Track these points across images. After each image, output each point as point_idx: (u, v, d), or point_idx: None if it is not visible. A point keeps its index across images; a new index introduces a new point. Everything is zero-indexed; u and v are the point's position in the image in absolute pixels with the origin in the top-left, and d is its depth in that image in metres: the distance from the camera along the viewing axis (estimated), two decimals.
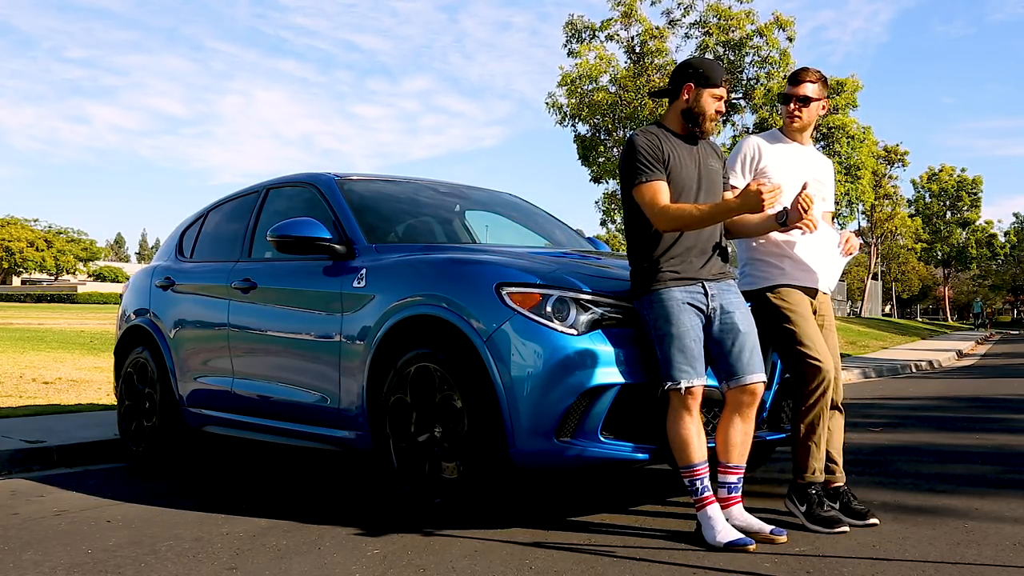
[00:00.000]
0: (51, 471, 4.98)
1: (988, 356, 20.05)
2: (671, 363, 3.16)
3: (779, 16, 24.96)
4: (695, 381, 3.16)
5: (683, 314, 3.20)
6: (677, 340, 3.16)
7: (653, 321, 3.23)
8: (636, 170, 3.30)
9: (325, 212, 4.39)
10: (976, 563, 2.92)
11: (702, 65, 3.38)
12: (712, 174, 3.41)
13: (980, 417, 7.37)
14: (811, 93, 3.61)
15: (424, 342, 3.61)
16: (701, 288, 3.27)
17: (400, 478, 3.69)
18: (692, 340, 3.19)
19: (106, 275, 74.63)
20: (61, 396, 7.75)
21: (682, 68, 3.41)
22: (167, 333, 5.17)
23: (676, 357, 3.16)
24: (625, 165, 3.35)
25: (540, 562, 2.99)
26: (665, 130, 3.40)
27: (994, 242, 70.04)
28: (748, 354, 3.26)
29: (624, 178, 3.37)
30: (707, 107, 3.34)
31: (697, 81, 3.33)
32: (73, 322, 21.29)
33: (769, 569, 2.87)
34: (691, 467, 3.19)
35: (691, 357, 3.17)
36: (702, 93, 3.34)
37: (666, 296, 3.21)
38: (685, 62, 3.46)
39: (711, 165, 3.42)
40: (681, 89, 3.37)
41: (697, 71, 3.35)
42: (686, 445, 3.18)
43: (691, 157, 3.38)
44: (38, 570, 3.05)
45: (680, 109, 3.38)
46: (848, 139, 25.44)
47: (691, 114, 3.36)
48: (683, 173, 3.33)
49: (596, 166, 26.11)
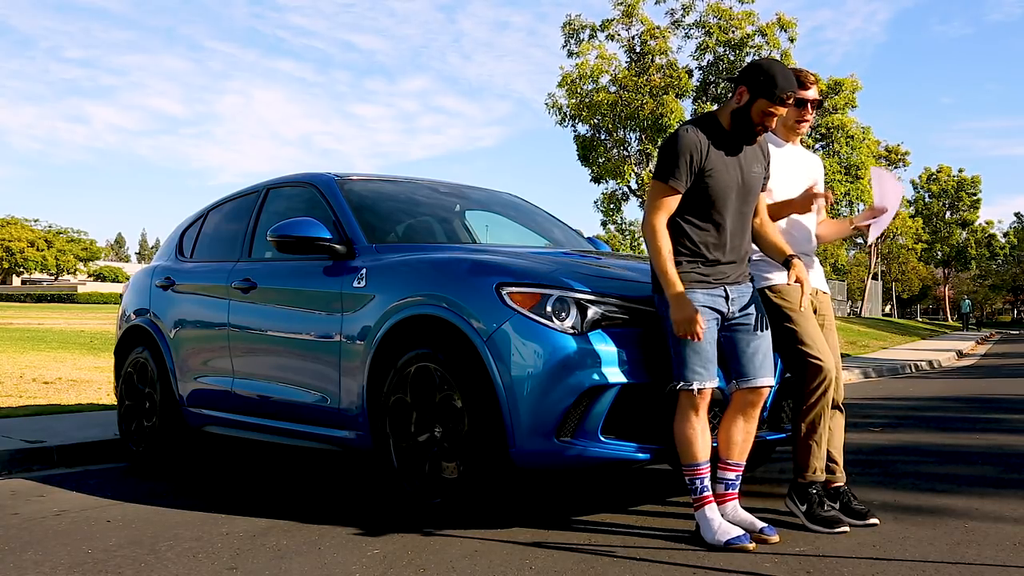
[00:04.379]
0: (51, 471, 4.98)
1: (988, 356, 20.04)
2: (685, 364, 3.15)
3: (781, 17, 24.99)
4: (707, 384, 3.16)
5: (701, 316, 3.16)
6: (694, 342, 3.14)
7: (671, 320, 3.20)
8: (665, 166, 3.20)
9: (325, 212, 4.39)
10: (976, 563, 2.92)
11: (769, 74, 3.15)
12: (753, 179, 3.31)
13: (980, 417, 7.37)
14: (818, 96, 3.62)
15: (424, 342, 3.61)
16: (723, 292, 3.24)
17: (400, 478, 3.69)
18: (708, 343, 3.17)
19: (106, 275, 74.69)
20: (61, 396, 7.75)
21: (751, 69, 3.22)
22: (167, 333, 5.17)
23: (691, 358, 3.14)
24: (664, 156, 3.23)
25: (540, 562, 2.99)
26: (716, 126, 3.27)
27: (994, 242, 70.05)
28: (761, 357, 3.25)
29: (659, 170, 3.25)
30: (756, 117, 3.19)
31: (754, 89, 3.16)
32: (73, 322, 21.30)
33: (769, 569, 2.87)
34: (694, 466, 3.19)
35: (705, 359, 3.16)
36: (754, 103, 3.18)
37: (688, 296, 3.16)
38: (757, 63, 3.23)
39: (754, 170, 3.31)
40: (737, 89, 3.24)
41: (758, 79, 3.16)
42: (691, 444, 3.18)
43: (734, 160, 3.26)
44: (38, 570, 3.05)
45: (731, 108, 3.27)
46: (848, 139, 25.44)
47: (738, 117, 3.23)
48: (722, 177, 3.22)
49: (596, 166, 26.12)
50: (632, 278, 3.63)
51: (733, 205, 3.26)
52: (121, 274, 73.92)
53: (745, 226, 3.34)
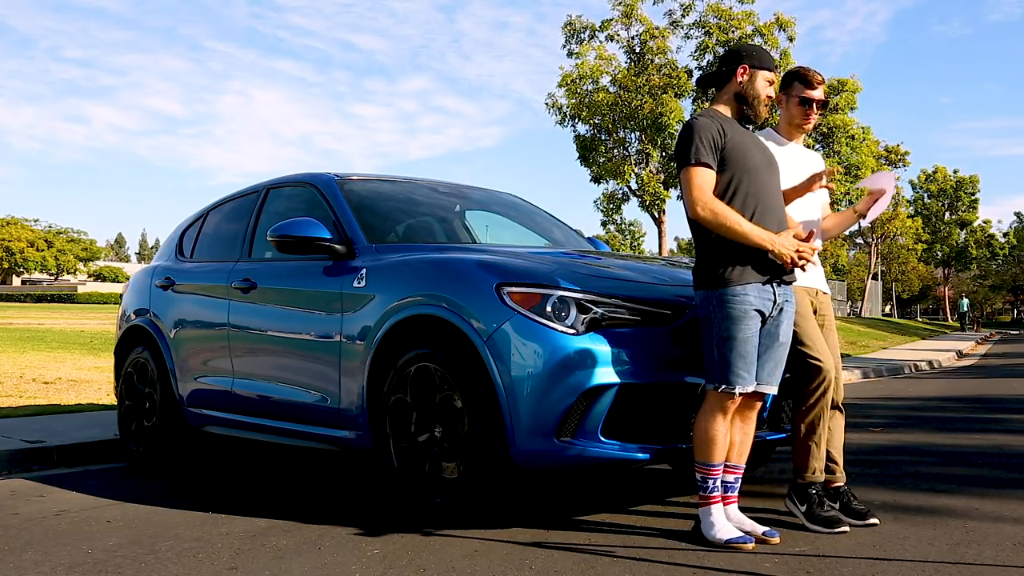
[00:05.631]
0: (51, 471, 4.98)
1: (988, 356, 20.04)
2: (730, 367, 3.11)
3: (780, 16, 25.00)
4: (748, 387, 3.15)
5: (752, 320, 3.13)
6: (740, 344, 3.11)
7: (718, 321, 3.13)
8: (687, 150, 3.18)
9: (325, 212, 4.39)
10: (976, 563, 2.92)
11: (755, 49, 3.37)
12: (771, 156, 3.35)
13: (980, 417, 7.37)
14: (823, 97, 3.64)
15: (424, 342, 3.61)
16: (771, 290, 3.19)
17: (400, 478, 3.69)
18: (752, 346, 3.14)
19: (106, 275, 74.69)
20: (61, 396, 7.75)
21: (735, 52, 3.37)
22: (167, 333, 5.17)
23: (736, 362, 3.11)
24: (681, 146, 3.23)
25: (540, 562, 2.99)
26: (720, 115, 3.31)
27: (994, 242, 70.05)
28: (773, 364, 3.25)
29: (680, 159, 3.24)
30: (761, 90, 3.30)
31: (752, 63, 3.30)
32: (73, 322, 21.30)
33: (769, 569, 2.87)
34: (709, 465, 3.19)
35: (750, 363, 3.14)
36: (756, 75, 3.30)
37: (740, 297, 3.11)
38: (736, 46, 3.45)
39: (766, 150, 3.36)
40: (736, 71, 3.30)
41: (751, 54, 3.33)
42: (713, 443, 3.17)
43: (751, 139, 3.30)
44: (38, 570, 3.05)
45: (733, 92, 3.32)
46: (848, 139, 25.45)
47: (744, 97, 3.31)
48: (749, 155, 3.23)
49: (596, 166, 26.12)
50: (632, 278, 3.63)
51: (764, 180, 3.25)
52: (121, 274, 73.93)
53: (779, 201, 3.32)
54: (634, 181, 26.23)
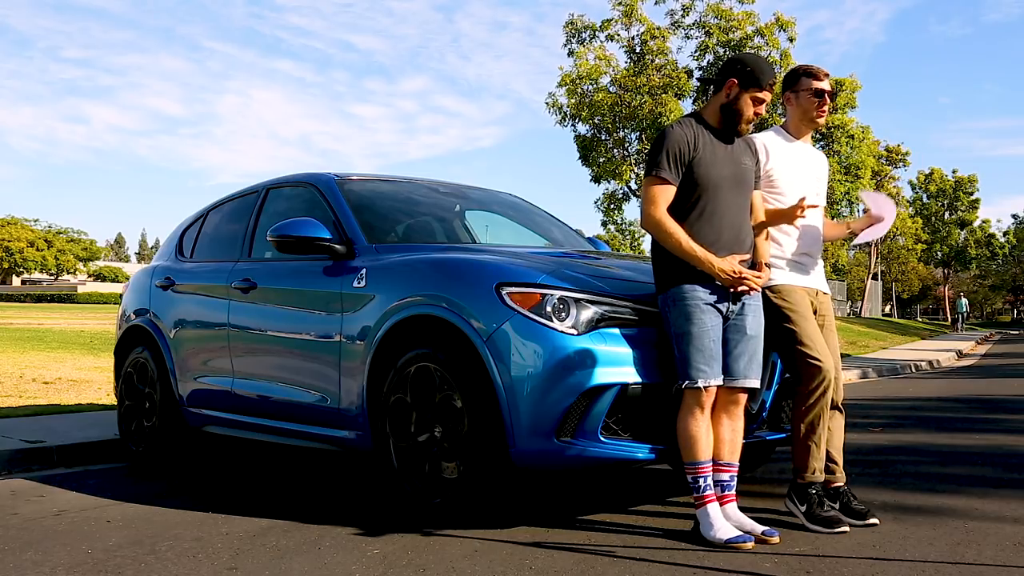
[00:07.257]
0: (51, 471, 4.97)
1: (988, 356, 20.03)
2: (689, 362, 3.17)
3: (780, 16, 24.98)
4: (712, 381, 3.18)
5: (704, 314, 3.19)
6: (696, 339, 3.16)
7: (674, 319, 3.22)
8: (653, 160, 3.28)
9: (325, 212, 4.39)
10: (976, 563, 2.92)
11: (751, 65, 3.32)
12: (745, 172, 3.38)
13: (980, 417, 7.37)
14: (830, 88, 3.64)
15: (424, 342, 3.61)
16: (725, 289, 3.25)
17: (400, 478, 3.69)
18: (711, 340, 3.19)
19: (106, 275, 74.65)
20: (61, 396, 7.75)
21: (731, 63, 3.36)
22: (167, 333, 5.17)
23: (694, 356, 3.16)
24: (649, 154, 3.32)
25: (540, 562, 2.99)
26: (702, 123, 3.36)
27: (993, 242, 70.02)
28: (748, 358, 3.27)
29: (646, 167, 3.33)
30: (745, 108, 3.31)
31: (741, 80, 3.29)
32: (73, 322, 21.29)
33: (769, 569, 2.87)
34: (696, 464, 3.20)
35: (709, 357, 3.18)
36: (743, 94, 3.30)
37: (690, 294, 3.20)
38: (736, 57, 3.41)
39: (744, 163, 3.38)
40: (724, 84, 3.33)
41: (744, 69, 3.30)
42: (695, 442, 3.19)
43: (726, 153, 3.33)
44: (38, 570, 3.05)
45: (720, 103, 3.35)
46: (848, 139, 25.44)
47: (729, 111, 3.33)
48: (714, 171, 3.27)
49: (596, 166, 26.11)
50: (632, 278, 3.63)
51: (727, 198, 3.29)
52: (121, 274, 73.88)
53: (743, 219, 3.35)
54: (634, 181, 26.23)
